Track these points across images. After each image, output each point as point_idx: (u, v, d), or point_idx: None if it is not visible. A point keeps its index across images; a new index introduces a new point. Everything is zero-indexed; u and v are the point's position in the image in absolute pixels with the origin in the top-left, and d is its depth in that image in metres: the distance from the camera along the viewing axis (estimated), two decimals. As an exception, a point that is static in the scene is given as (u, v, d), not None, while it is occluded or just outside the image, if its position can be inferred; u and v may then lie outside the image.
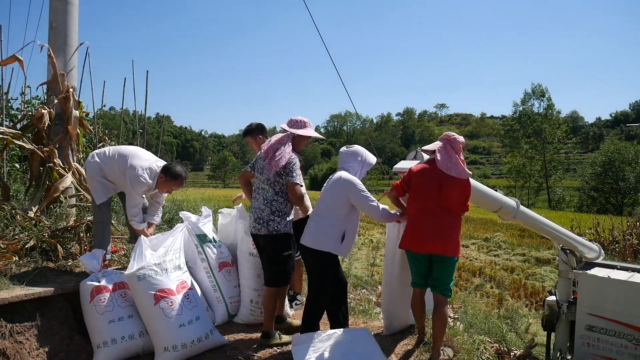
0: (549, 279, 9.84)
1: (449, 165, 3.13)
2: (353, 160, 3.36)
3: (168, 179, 3.60)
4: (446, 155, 3.16)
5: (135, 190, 3.55)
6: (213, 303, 3.73)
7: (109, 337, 3.12)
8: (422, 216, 3.15)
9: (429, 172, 3.18)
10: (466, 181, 3.18)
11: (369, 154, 3.44)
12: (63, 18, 4.81)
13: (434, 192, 3.12)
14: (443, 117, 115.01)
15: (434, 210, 3.12)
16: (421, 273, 3.28)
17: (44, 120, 4.56)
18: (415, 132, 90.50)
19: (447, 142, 3.23)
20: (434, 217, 3.11)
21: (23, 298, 3.12)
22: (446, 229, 3.11)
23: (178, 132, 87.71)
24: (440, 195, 3.11)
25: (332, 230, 3.23)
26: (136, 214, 3.65)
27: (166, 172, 3.60)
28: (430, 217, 3.12)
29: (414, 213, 3.21)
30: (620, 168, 31.18)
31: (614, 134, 64.44)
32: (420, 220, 3.16)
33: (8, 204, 4.25)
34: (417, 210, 3.19)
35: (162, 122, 13.30)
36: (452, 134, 3.28)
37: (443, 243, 3.10)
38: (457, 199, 3.15)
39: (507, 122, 43.60)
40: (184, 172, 3.67)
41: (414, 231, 3.18)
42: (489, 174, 63.78)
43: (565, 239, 4.00)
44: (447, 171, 3.11)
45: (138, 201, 3.62)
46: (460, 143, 3.22)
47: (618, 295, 3.52)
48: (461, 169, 3.14)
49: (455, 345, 3.32)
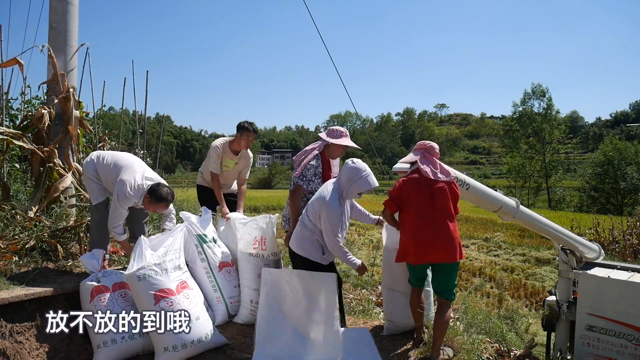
0: (549, 279, 9.85)
1: (434, 170, 3.19)
2: (344, 176, 3.27)
3: (152, 201, 3.57)
4: (428, 162, 3.23)
5: (119, 204, 3.54)
6: (213, 303, 3.73)
7: (109, 337, 3.11)
8: (423, 226, 3.12)
9: (416, 182, 3.19)
10: (453, 183, 3.24)
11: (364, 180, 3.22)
12: (63, 18, 4.81)
13: (427, 200, 3.13)
14: (443, 117, 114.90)
15: (434, 218, 3.11)
16: (422, 277, 3.30)
17: (44, 120, 4.55)
18: (415, 132, 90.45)
19: (424, 150, 3.30)
20: (435, 224, 3.10)
21: (23, 298, 3.12)
22: (450, 235, 3.10)
23: (178, 132, 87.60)
24: (434, 202, 3.12)
25: (313, 242, 3.32)
26: (116, 226, 3.62)
27: (151, 193, 3.55)
28: (431, 225, 3.10)
29: (413, 224, 3.16)
30: (620, 168, 31.17)
31: (613, 134, 64.44)
32: (422, 230, 3.12)
33: (8, 204, 4.25)
34: (416, 220, 3.14)
35: (162, 122, 13.28)
36: (427, 142, 3.35)
37: (450, 250, 3.09)
38: (449, 202, 3.18)
39: (506, 122, 43.55)
40: (169, 195, 3.59)
41: (417, 242, 3.12)
42: (489, 174, 63.68)
43: (565, 239, 4.01)
44: (435, 177, 3.16)
45: (121, 213, 3.59)
46: (435, 149, 3.31)
47: (618, 295, 3.52)
48: (446, 172, 3.23)
49: (455, 345, 3.32)
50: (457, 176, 3.64)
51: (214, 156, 4.32)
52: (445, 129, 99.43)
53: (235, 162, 4.42)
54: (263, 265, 3.78)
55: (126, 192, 3.50)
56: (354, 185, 3.21)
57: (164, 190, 3.56)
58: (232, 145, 4.34)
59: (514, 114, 41.48)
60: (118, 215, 3.59)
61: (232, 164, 4.41)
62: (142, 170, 3.70)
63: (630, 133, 68.21)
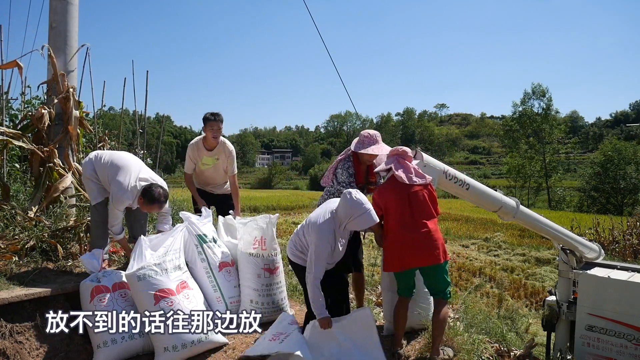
0: (549, 279, 9.85)
1: (409, 175, 3.21)
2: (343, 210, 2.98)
3: (145, 202, 3.56)
4: (402, 167, 3.24)
5: (114, 205, 3.55)
6: (213, 303, 3.73)
7: (109, 337, 3.12)
8: (404, 232, 3.14)
9: (392, 189, 3.22)
10: (429, 185, 3.26)
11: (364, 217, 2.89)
12: (63, 18, 4.81)
13: (405, 206, 3.15)
14: (443, 117, 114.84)
15: (413, 223, 3.13)
16: (409, 285, 3.31)
17: (44, 120, 4.55)
18: (415, 132, 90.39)
19: (397, 156, 3.31)
20: (416, 228, 3.12)
21: (23, 298, 3.12)
22: (432, 237, 3.12)
23: (178, 132, 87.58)
24: (411, 207, 3.15)
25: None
26: (113, 225, 3.64)
27: (144, 195, 3.54)
28: (412, 231, 3.12)
29: (395, 230, 3.18)
30: (620, 167, 31.17)
31: (613, 134, 64.45)
32: (403, 237, 3.14)
33: (8, 204, 4.25)
34: (397, 228, 3.17)
35: (163, 122, 13.26)
36: (399, 147, 3.36)
37: (433, 252, 3.11)
38: (428, 204, 3.19)
39: (506, 122, 43.55)
40: (161, 196, 3.56)
41: (401, 249, 3.15)
42: (489, 174, 63.71)
43: (565, 239, 4.01)
44: (410, 181, 3.18)
45: (116, 214, 3.61)
46: (409, 153, 3.32)
47: (618, 295, 3.52)
48: (421, 175, 3.25)
49: (455, 345, 3.32)
50: (457, 176, 3.64)
51: (188, 155, 4.29)
52: (445, 129, 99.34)
53: (215, 159, 4.32)
54: (263, 265, 3.78)
55: (119, 194, 3.50)
56: (353, 223, 2.94)
57: (156, 191, 3.53)
58: (204, 142, 4.28)
59: (514, 114, 41.49)
60: (113, 215, 3.60)
61: (211, 161, 4.32)
62: (137, 170, 3.68)
63: (630, 133, 68.23)
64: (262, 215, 3.96)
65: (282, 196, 33.47)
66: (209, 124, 4.15)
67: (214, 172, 4.43)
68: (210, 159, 4.32)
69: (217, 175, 4.48)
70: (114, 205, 3.55)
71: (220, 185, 4.58)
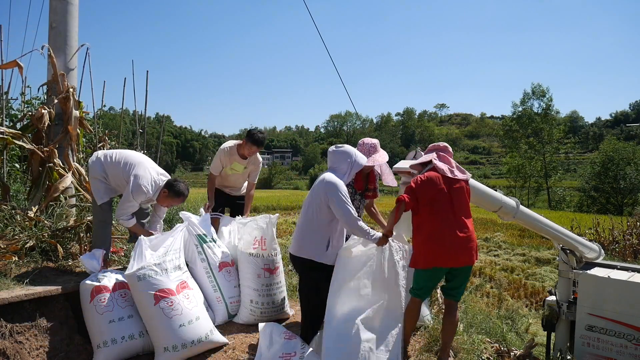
0: (549, 279, 9.84)
1: (452, 169, 3.17)
2: (342, 161, 3.20)
3: (170, 195, 3.66)
4: (443, 162, 3.19)
5: (133, 197, 3.56)
6: (213, 303, 3.73)
7: (109, 337, 3.12)
8: (444, 228, 3.00)
9: (432, 182, 3.08)
10: (467, 181, 3.23)
11: (360, 155, 3.27)
12: (63, 18, 4.81)
13: (446, 201, 3.05)
14: (443, 117, 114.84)
15: (456, 221, 3.03)
16: (433, 287, 3.24)
17: (44, 120, 4.55)
18: (415, 132, 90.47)
19: (439, 150, 3.26)
20: (459, 228, 3.01)
21: (23, 298, 3.12)
22: (472, 238, 3.05)
23: (178, 132, 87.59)
24: (453, 203, 3.06)
25: (315, 235, 3.14)
26: (122, 214, 3.66)
27: (169, 188, 3.65)
28: (455, 229, 3.00)
29: (435, 226, 3.01)
30: (620, 167, 31.16)
31: (613, 134, 64.42)
32: (443, 232, 2.99)
33: (8, 204, 4.25)
34: (437, 222, 3.02)
35: (163, 122, 13.30)
36: (441, 143, 3.34)
37: (473, 252, 3.05)
38: (468, 202, 3.16)
39: (506, 122, 43.52)
40: (186, 190, 3.71)
41: (439, 245, 2.98)
42: (489, 174, 63.76)
43: (565, 239, 4.01)
44: (453, 175, 3.13)
45: (132, 205, 3.62)
46: (449, 148, 3.29)
47: (618, 295, 3.52)
48: (462, 170, 3.21)
49: (455, 345, 3.31)
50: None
51: (218, 158, 4.34)
52: (445, 129, 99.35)
53: (244, 167, 4.43)
54: (263, 265, 3.78)
55: (142, 187, 3.54)
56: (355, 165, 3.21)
57: (182, 185, 3.68)
58: (240, 150, 4.34)
59: (514, 114, 41.46)
60: (128, 207, 3.62)
61: (240, 168, 4.42)
62: (154, 166, 3.78)
63: (630, 133, 68.22)
64: (262, 215, 3.96)
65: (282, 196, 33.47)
66: (249, 145, 4.21)
67: (239, 177, 4.54)
68: (241, 166, 4.41)
69: (241, 181, 4.60)
70: (132, 196, 3.56)
71: (239, 189, 4.69)
